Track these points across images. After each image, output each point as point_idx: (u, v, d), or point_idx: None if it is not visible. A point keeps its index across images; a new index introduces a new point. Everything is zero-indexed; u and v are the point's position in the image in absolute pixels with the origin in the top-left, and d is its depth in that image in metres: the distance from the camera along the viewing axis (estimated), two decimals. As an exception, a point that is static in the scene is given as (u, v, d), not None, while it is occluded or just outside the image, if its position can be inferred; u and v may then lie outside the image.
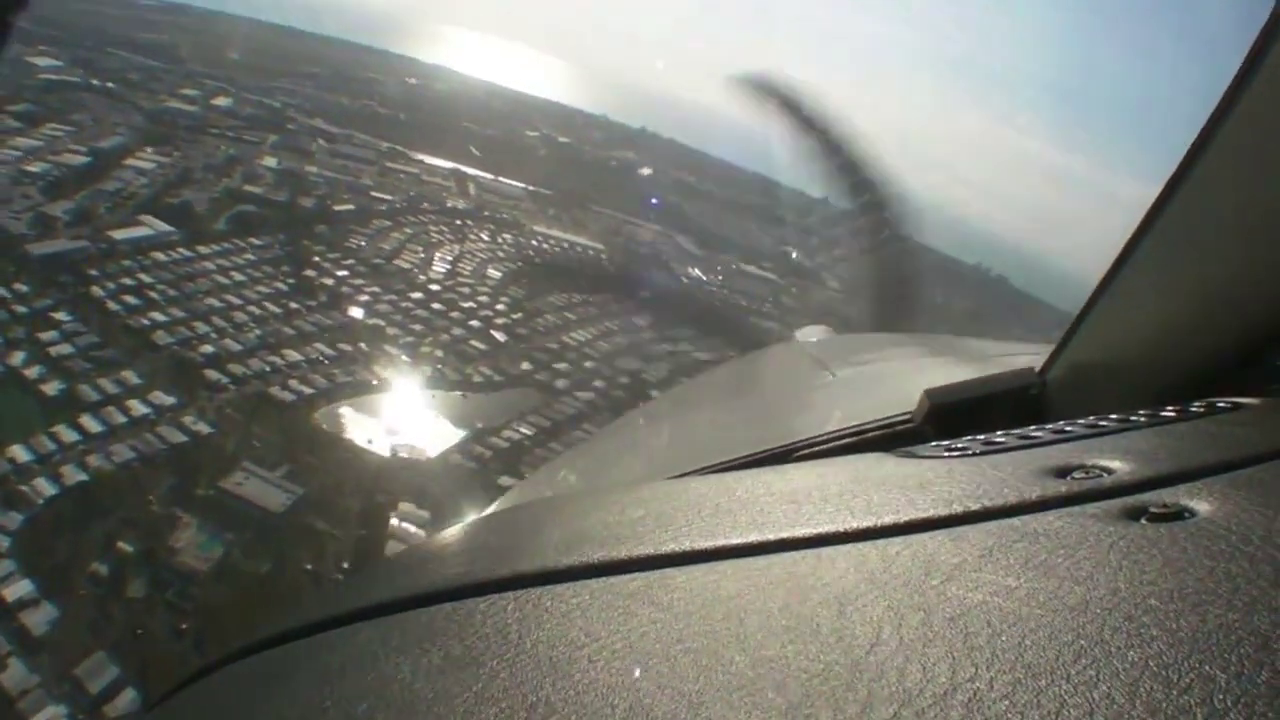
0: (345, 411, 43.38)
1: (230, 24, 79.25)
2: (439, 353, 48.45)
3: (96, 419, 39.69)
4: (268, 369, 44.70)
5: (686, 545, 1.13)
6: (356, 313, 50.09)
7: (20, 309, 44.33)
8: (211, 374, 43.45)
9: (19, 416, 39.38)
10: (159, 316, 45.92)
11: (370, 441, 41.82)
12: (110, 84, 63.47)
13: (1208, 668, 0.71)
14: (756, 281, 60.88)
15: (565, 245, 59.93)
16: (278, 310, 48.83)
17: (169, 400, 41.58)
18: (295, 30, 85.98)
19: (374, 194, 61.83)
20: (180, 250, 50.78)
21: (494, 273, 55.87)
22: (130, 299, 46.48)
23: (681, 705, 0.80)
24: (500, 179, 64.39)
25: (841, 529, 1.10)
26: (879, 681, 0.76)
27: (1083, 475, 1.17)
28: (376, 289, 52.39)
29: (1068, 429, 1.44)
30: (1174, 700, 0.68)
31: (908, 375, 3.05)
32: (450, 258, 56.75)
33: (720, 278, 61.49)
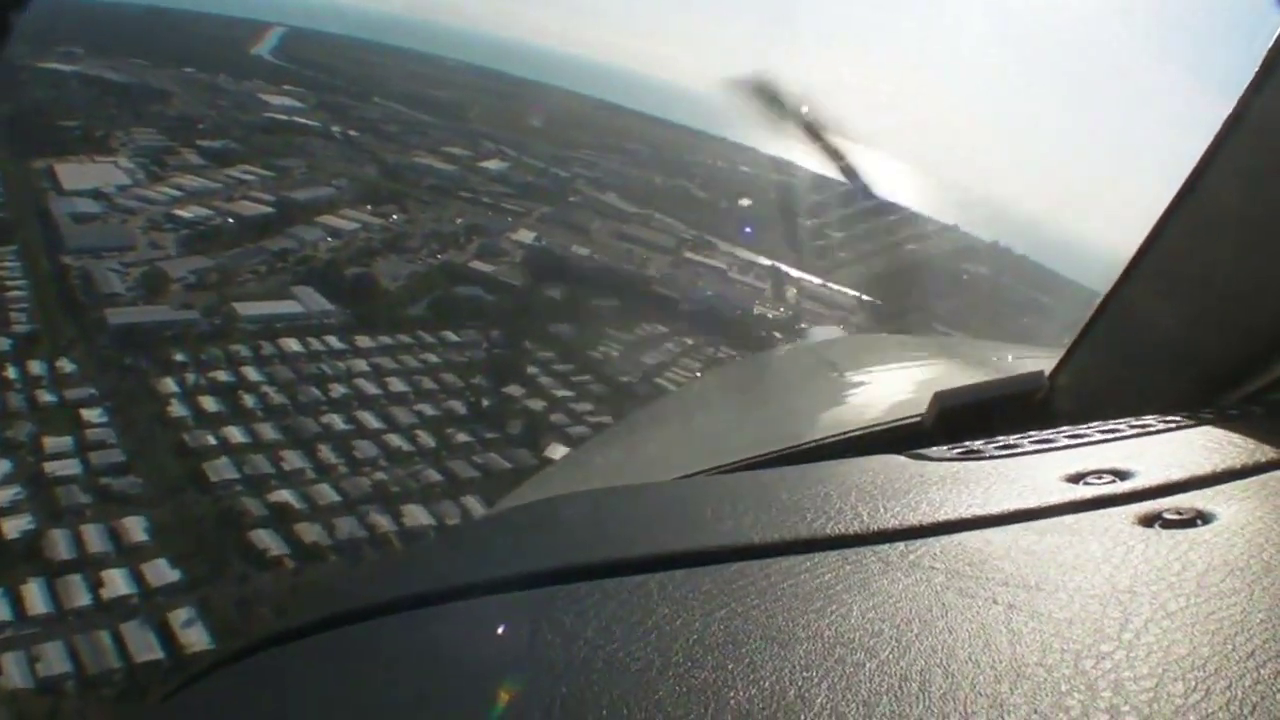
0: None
1: (544, 92, 65.21)
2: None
3: (47, 592, 23.48)
4: (365, 535, 25.71)
5: (698, 545, 1.10)
6: (558, 452, 30.04)
7: (45, 398, 28.47)
8: (261, 538, 24.99)
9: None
10: (236, 435, 28.57)
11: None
12: (354, 132, 49.60)
13: (1226, 670, 0.73)
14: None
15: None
16: (432, 441, 30.08)
17: (170, 576, 23.61)
18: (628, 109, 70.67)
19: (656, 288, 42.77)
20: (328, 339, 33.87)
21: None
22: (209, 403, 29.62)
23: (703, 706, 0.79)
24: (829, 284, 43.36)
25: (861, 531, 1.09)
26: (903, 688, 0.77)
27: (1098, 480, 1.17)
28: (607, 418, 32.30)
29: (1083, 433, 1.43)
30: (1195, 701, 0.70)
31: (917, 377, 2.91)
32: (736, 384, 35.90)
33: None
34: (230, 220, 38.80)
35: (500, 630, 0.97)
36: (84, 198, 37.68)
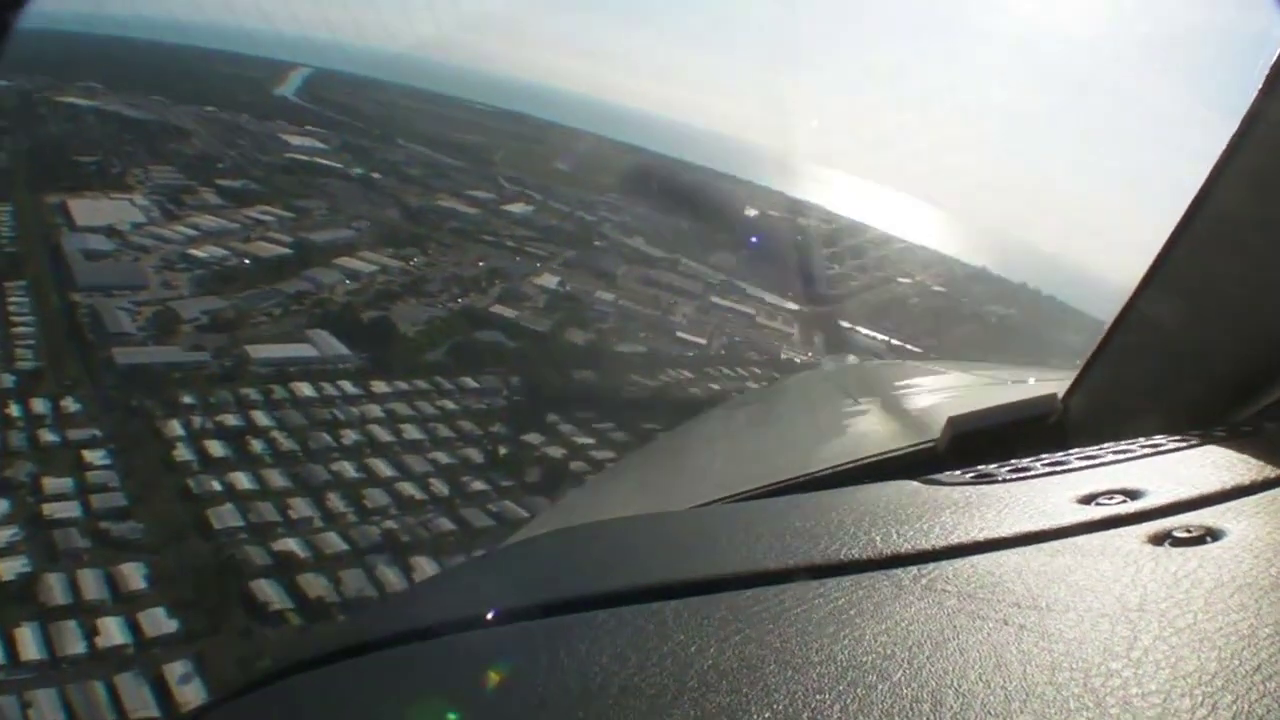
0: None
1: (569, 136, 64.31)
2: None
3: (39, 637, 21.96)
4: (370, 588, 24.36)
5: (714, 572, 1.12)
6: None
7: (47, 438, 27.34)
8: (262, 589, 23.61)
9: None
10: (242, 482, 27.31)
11: None
12: (376, 174, 48.76)
13: (1233, 685, 0.73)
14: None
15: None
16: (445, 490, 28.75)
17: (168, 626, 22.24)
18: (653, 153, 69.77)
19: (680, 334, 41.49)
20: (343, 383, 32.65)
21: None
22: (215, 447, 28.42)
23: None
24: (858, 329, 42.17)
25: (874, 556, 1.10)
26: (915, 709, 0.77)
27: (1109, 500, 1.18)
28: (629, 472, 30.92)
29: (1095, 454, 1.43)
30: (1202, 716, 0.70)
31: (931, 402, 2.96)
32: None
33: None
34: (246, 261, 37.82)
35: (518, 658, 0.96)
36: (97, 234, 36.77)
